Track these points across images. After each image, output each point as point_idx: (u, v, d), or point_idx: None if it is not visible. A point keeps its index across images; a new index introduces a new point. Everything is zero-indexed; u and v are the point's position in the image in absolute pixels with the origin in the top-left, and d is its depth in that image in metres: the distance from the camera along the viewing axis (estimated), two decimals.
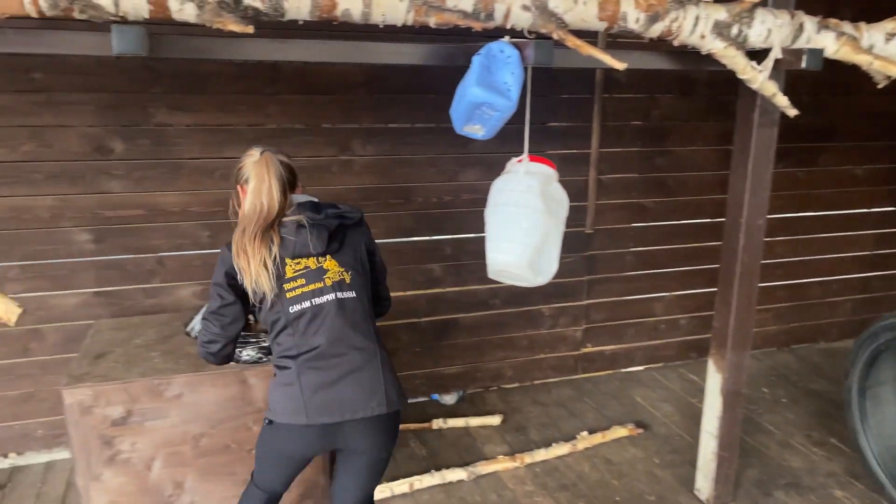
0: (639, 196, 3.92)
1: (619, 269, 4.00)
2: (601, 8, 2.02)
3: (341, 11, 1.81)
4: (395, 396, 2.00)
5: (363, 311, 2.01)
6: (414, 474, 3.04)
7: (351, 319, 1.96)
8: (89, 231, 3.01)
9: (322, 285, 1.95)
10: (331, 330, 1.93)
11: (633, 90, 3.75)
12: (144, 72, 2.92)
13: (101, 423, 2.40)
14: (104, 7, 1.63)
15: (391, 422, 2.01)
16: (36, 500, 2.88)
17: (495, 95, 1.93)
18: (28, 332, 3.03)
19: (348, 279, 1.99)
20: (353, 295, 1.99)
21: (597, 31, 2.12)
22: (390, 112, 3.33)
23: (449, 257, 3.61)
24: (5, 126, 2.82)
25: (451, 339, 3.73)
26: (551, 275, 2.28)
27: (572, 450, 3.27)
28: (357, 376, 1.94)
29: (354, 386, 1.93)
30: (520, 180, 2.20)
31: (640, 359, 4.20)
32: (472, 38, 2.07)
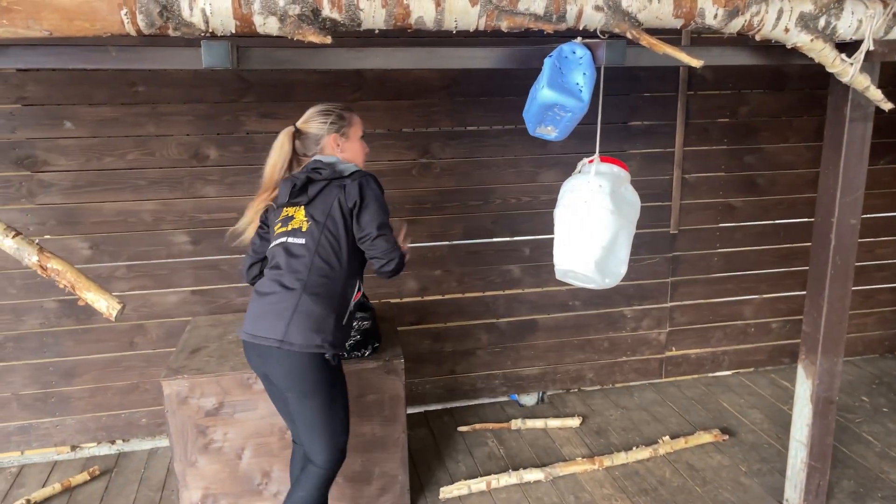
0: (726, 195, 3.80)
1: (706, 271, 3.89)
2: (677, 5, 1.98)
3: (415, 19, 1.87)
4: (296, 339, 2.12)
5: (307, 258, 2.17)
6: (491, 473, 3.07)
7: (290, 262, 2.18)
8: (187, 233, 3.21)
9: (287, 229, 2.23)
10: (276, 267, 2.21)
11: (720, 86, 3.64)
12: (236, 82, 3.09)
13: (196, 412, 2.56)
14: (195, 24, 1.76)
15: (288, 360, 2.14)
16: (139, 484, 3.10)
17: (566, 96, 1.94)
18: (133, 328, 3.26)
19: (304, 227, 2.20)
20: (302, 242, 2.19)
21: (675, 28, 2.08)
22: (468, 115, 3.38)
23: (527, 258, 3.62)
24: (114, 136, 3.05)
25: (530, 339, 3.74)
26: (619, 277, 2.26)
27: (653, 454, 3.21)
28: (271, 308, 2.16)
29: (266, 315, 2.16)
30: (590, 180, 2.19)
31: (727, 363, 4.06)
32: (545, 39, 2.08)
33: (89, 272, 3.09)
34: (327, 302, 2.17)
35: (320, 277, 2.17)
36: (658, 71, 3.49)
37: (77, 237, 3.10)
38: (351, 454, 2.67)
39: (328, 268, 2.19)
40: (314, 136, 2.31)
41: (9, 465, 3.26)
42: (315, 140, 2.32)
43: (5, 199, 3.00)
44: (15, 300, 3.11)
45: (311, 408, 2.21)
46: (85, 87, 2.96)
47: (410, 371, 3.52)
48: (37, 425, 3.25)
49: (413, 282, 3.52)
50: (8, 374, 3.17)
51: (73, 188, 3.05)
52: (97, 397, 3.29)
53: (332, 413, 2.23)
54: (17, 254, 1.66)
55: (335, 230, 2.20)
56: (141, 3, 1.68)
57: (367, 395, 2.66)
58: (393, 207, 3.36)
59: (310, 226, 2.20)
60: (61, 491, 3.02)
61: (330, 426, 2.24)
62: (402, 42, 3.04)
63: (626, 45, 2.04)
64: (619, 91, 3.50)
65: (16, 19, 1.64)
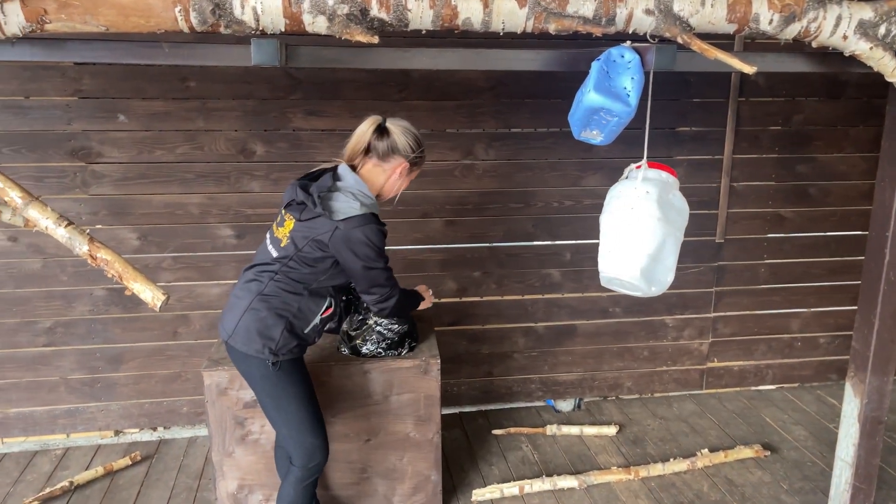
0: (776, 205, 3.71)
1: (752, 282, 3.80)
2: (731, 10, 1.94)
3: (462, 20, 1.86)
4: (240, 337, 2.17)
5: (274, 270, 2.20)
6: (525, 478, 3.05)
7: (262, 265, 2.23)
8: (232, 227, 3.27)
9: (275, 234, 2.26)
10: (252, 264, 2.27)
11: (773, 93, 3.55)
12: (284, 79, 3.13)
13: (234, 404, 2.60)
14: (246, 22, 1.78)
15: (240, 358, 2.21)
16: (178, 471, 3.16)
17: (613, 101, 1.91)
18: (177, 318, 3.34)
19: (284, 243, 2.20)
20: (274, 255, 2.21)
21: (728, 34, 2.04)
22: (513, 117, 3.36)
23: (568, 263, 3.59)
24: (165, 130, 3.12)
25: (568, 345, 3.70)
26: (666, 286, 2.21)
27: (691, 467, 3.14)
28: (233, 302, 2.24)
29: (229, 308, 2.25)
30: (637, 186, 2.15)
31: (771, 377, 3.96)
32: (593, 43, 2.05)
33: (137, 262, 3.18)
34: (279, 311, 2.18)
35: (280, 290, 2.19)
36: (708, 76, 3.42)
37: (126, 228, 3.18)
38: (384, 451, 2.69)
39: (291, 286, 2.19)
40: (391, 146, 2.21)
41: (55, 447, 3.36)
42: (388, 149, 2.21)
43: (61, 188, 3.09)
44: (66, 287, 3.20)
45: (264, 407, 2.28)
46: (138, 81, 3.04)
47: (446, 372, 3.52)
48: (83, 409, 3.35)
49: (452, 282, 3.52)
50: (57, 359, 3.27)
51: (124, 180, 3.13)
52: (141, 384, 3.37)
53: (285, 413, 2.24)
54: (68, 242, 1.71)
55: (310, 261, 2.17)
56: (194, 0, 1.71)
57: (403, 393, 2.67)
58: (434, 208, 3.39)
59: (288, 244, 2.18)
60: (104, 474, 3.10)
61: (289, 426, 2.25)
62: (448, 43, 3.04)
63: (677, 49, 2.00)
64: (667, 96, 3.44)
65: (74, 14, 1.69)
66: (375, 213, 2.18)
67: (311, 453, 2.28)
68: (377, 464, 2.73)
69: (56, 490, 2.93)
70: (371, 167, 2.25)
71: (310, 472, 2.31)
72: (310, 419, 2.27)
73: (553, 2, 1.84)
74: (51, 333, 3.24)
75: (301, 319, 2.22)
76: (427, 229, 3.43)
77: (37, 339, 3.24)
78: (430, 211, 3.41)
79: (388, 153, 2.22)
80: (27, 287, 3.17)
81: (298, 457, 2.28)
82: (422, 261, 3.47)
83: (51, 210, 1.72)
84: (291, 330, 2.20)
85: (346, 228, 2.10)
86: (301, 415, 2.25)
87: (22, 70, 2.96)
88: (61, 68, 2.98)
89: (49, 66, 2.96)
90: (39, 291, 3.19)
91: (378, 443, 2.71)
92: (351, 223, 2.10)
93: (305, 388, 2.28)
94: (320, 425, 2.31)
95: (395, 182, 2.28)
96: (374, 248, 2.13)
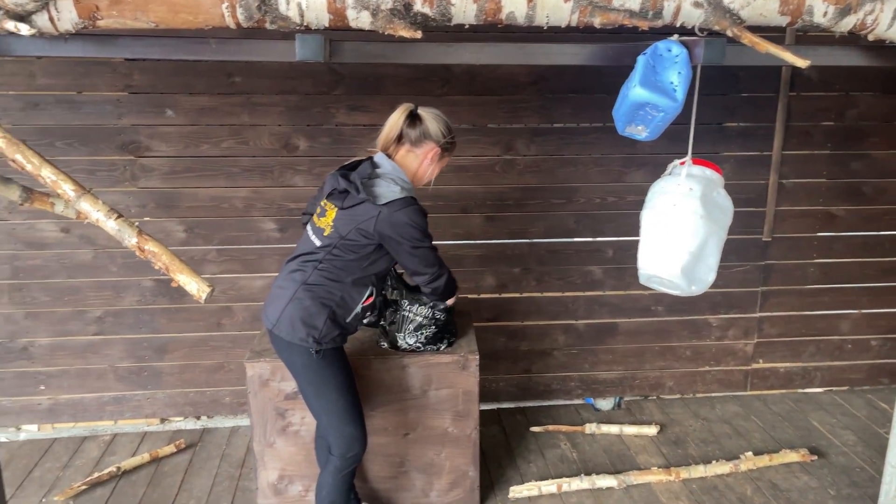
0: (826, 203, 3.60)
1: (800, 282, 3.70)
2: (783, 2, 1.88)
3: (506, 14, 1.85)
4: (284, 326, 2.21)
5: (318, 259, 2.24)
6: (563, 476, 3.02)
7: (305, 255, 2.27)
8: (275, 221, 3.31)
9: (317, 224, 2.30)
10: (295, 255, 2.31)
11: (826, 88, 3.45)
12: (328, 75, 3.16)
13: (276, 395, 2.64)
14: (291, 18, 1.80)
15: (284, 347, 2.26)
16: (221, 459, 3.23)
17: (659, 95, 1.88)
18: (221, 309, 3.40)
19: (327, 232, 2.24)
20: (318, 244, 2.25)
21: (780, 27, 1.98)
22: (556, 112, 3.33)
23: (610, 260, 3.55)
24: (211, 124, 3.17)
25: (609, 343, 3.66)
26: (707, 285, 2.16)
27: (734, 470, 3.08)
28: (277, 292, 2.28)
29: (272, 298, 2.29)
30: (680, 183, 2.11)
31: (819, 380, 3.85)
32: (639, 36, 2.02)
33: (183, 254, 3.23)
34: (323, 300, 2.23)
35: (324, 278, 2.23)
36: (758, 70, 3.34)
37: (173, 220, 3.25)
38: (422, 445, 2.70)
39: (334, 274, 2.24)
40: (423, 132, 2.26)
41: (103, 432, 3.46)
42: (420, 135, 2.26)
43: (111, 181, 3.17)
44: (115, 277, 3.29)
45: (305, 396, 2.31)
46: (186, 77, 3.10)
47: (485, 368, 3.49)
48: (130, 397, 3.44)
49: (491, 278, 3.51)
50: (106, 347, 3.36)
51: (171, 173, 3.20)
52: (186, 374, 3.44)
53: (326, 402, 2.27)
54: (118, 235, 1.75)
55: (354, 247, 2.22)
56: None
57: (441, 388, 2.67)
58: (474, 203, 3.38)
59: (332, 233, 2.23)
60: (149, 461, 3.18)
61: (329, 415, 2.29)
62: (491, 37, 3.02)
63: (726, 43, 1.95)
64: (714, 90, 3.37)
65: (125, 11, 1.73)
66: (413, 196, 2.24)
67: (350, 443, 2.31)
68: (415, 458, 2.74)
69: (104, 475, 3.02)
70: (404, 153, 2.31)
71: (348, 461, 2.33)
72: (349, 409, 2.30)
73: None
74: (100, 322, 3.33)
75: (343, 308, 2.26)
76: (467, 225, 3.43)
77: (87, 328, 3.33)
78: (469, 206, 3.40)
79: (420, 139, 2.28)
80: (78, 277, 3.27)
81: (337, 446, 2.31)
82: (461, 256, 3.46)
83: (101, 203, 1.76)
84: (334, 318, 2.24)
85: (390, 212, 2.15)
86: (341, 404, 2.28)
87: (75, 65, 3.04)
88: (112, 64, 3.05)
89: (101, 62, 3.04)
90: (90, 281, 3.28)
91: (416, 437, 2.72)
92: (393, 206, 2.16)
93: (346, 377, 2.32)
94: (359, 415, 2.34)
95: (428, 167, 2.34)
96: (418, 228, 2.18)
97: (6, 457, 3.21)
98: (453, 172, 3.33)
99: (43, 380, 3.37)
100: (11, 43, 1.86)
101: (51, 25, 1.74)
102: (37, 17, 1.72)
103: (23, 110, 3.06)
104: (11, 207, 3.14)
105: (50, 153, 3.06)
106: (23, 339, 3.30)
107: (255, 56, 1.99)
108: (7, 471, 3.09)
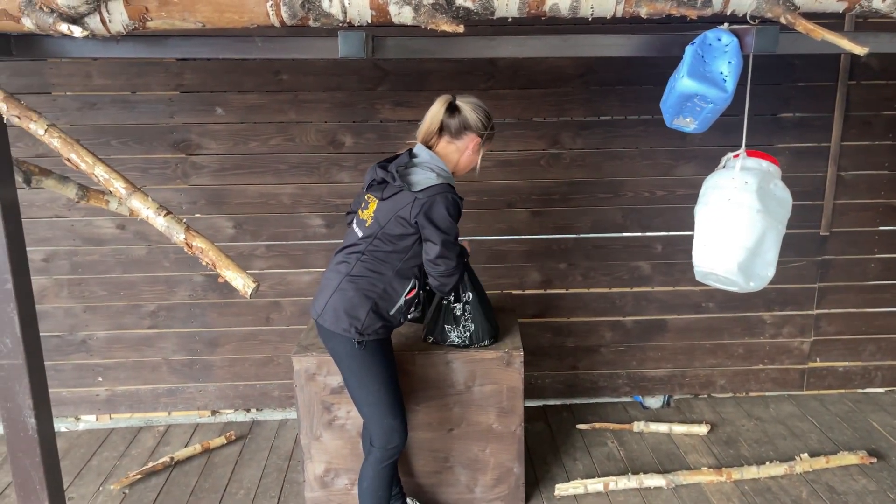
0: (889, 195, 3.45)
1: (860, 278, 3.56)
2: None
3: (549, 7, 1.82)
4: (328, 316, 2.25)
5: (361, 250, 2.27)
6: (610, 474, 2.98)
7: (349, 247, 2.31)
8: (322, 217, 3.35)
9: (360, 216, 2.34)
10: (342, 247, 2.35)
11: (888, 76, 3.30)
12: (373, 71, 3.17)
13: (322, 389, 2.67)
14: (334, 15, 1.81)
15: (328, 336, 2.29)
16: (269, 451, 3.28)
17: (708, 86, 1.82)
18: (270, 304, 3.45)
19: (369, 223, 2.28)
20: (360, 235, 2.30)
21: (837, 13, 1.90)
22: (602, 105, 3.27)
23: (659, 255, 3.47)
24: (259, 122, 3.22)
25: (657, 340, 3.59)
26: (766, 281, 2.10)
27: (789, 471, 2.99)
28: (324, 283, 2.34)
29: (321, 289, 2.34)
30: (735, 176, 2.04)
31: (880, 380, 3.71)
32: (688, 26, 1.96)
33: (232, 250, 3.31)
34: (366, 291, 2.25)
35: (367, 270, 2.26)
36: (814, 59, 3.22)
37: (223, 216, 3.32)
38: (466, 441, 2.70)
39: (376, 265, 2.25)
40: (463, 123, 2.27)
41: (157, 423, 3.56)
42: (460, 126, 2.27)
43: (163, 178, 3.25)
44: (168, 272, 3.37)
45: (348, 385, 2.34)
46: (235, 75, 3.15)
47: (530, 364, 3.48)
48: (182, 389, 3.53)
49: (536, 274, 3.47)
50: (160, 340, 3.46)
51: (220, 170, 3.26)
52: (236, 367, 3.51)
53: (367, 393, 2.29)
54: (167, 231, 1.79)
55: (394, 237, 2.23)
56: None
57: (486, 384, 2.66)
58: (519, 198, 3.36)
59: (372, 224, 2.26)
60: (201, 452, 3.26)
61: (370, 406, 2.30)
62: (535, 30, 2.99)
63: (780, 30, 1.88)
64: (768, 80, 3.26)
65: (173, 11, 1.76)
66: (452, 184, 2.24)
67: (390, 434, 2.33)
68: (460, 454, 2.74)
69: (158, 465, 3.11)
70: (445, 145, 2.32)
71: (388, 453, 2.35)
72: (390, 401, 2.32)
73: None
74: (154, 316, 3.43)
75: (386, 300, 2.27)
76: (512, 220, 3.40)
77: (142, 322, 3.43)
78: (514, 201, 3.37)
79: (460, 130, 2.28)
80: (133, 272, 3.37)
81: (378, 437, 2.33)
82: (506, 251, 3.44)
83: (151, 200, 1.80)
84: (377, 310, 2.26)
85: (425, 197, 2.17)
86: (381, 395, 2.30)
87: (129, 66, 3.12)
88: (165, 64, 3.13)
89: (154, 62, 3.12)
90: (144, 276, 3.38)
91: (461, 433, 2.71)
92: (429, 192, 2.17)
93: (388, 369, 2.33)
94: (400, 408, 2.35)
95: (469, 157, 2.34)
96: (450, 216, 2.19)
97: (65, 446, 3.33)
98: (498, 167, 3.31)
99: (101, 371, 3.48)
100: (66, 45, 1.93)
101: (102, 27, 1.78)
102: (89, 20, 1.77)
103: (80, 110, 3.16)
104: (70, 205, 3.25)
105: (105, 152, 3.16)
106: (82, 333, 3.42)
107: (300, 53, 2.00)
108: (66, 460, 3.21)
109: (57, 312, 3.38)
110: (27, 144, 3.12)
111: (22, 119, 1.78)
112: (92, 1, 1.70)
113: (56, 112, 3.13)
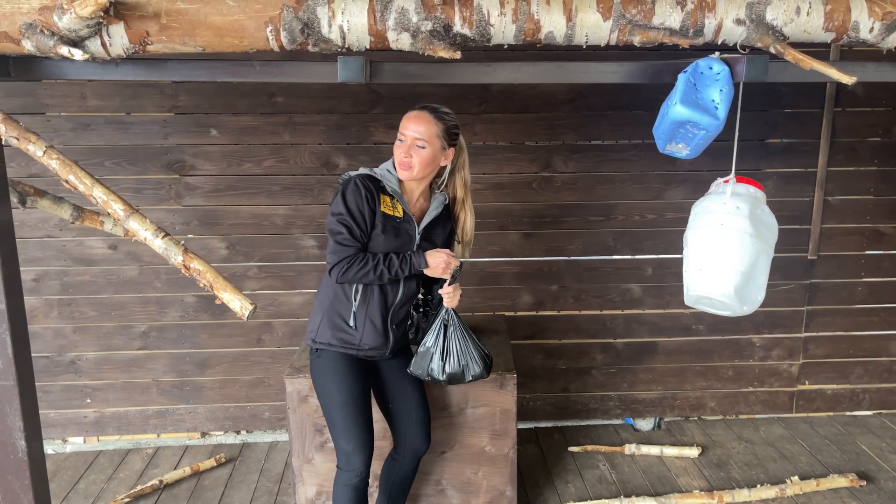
0: (874, 220, 3.51)
1: (848, 301, 3.60)
2: (828, 18, 1.85)
3: (545, 34, 1.85)
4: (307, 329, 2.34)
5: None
6: (601, 497, 2.98)
7: None
8: (314, 238, 3.36)
9: None
10: None
11: (872, 103, 3.37)
12: (367, 94, 3.20)
13: (314, 412, 2.66)
14: (333, 40, 1.83)
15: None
16: (259, 474, 3.26)
17: (701, 113, 1.86)
18: (261, 325, 3.44)
19: None
20: None
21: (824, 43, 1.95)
22: (593, 129, 3.32)
23: (649, 278, 3.50)
24: (253, 144, 3.24)
25: (648, 362, 3.61)
26: (758, 304, 2.12)
27: (780, 494, 3.00)
28: None
29: None
30: (726, 202, 2.08)
31: (868, 402, 3.74)
32: (679, 54, 2.00)
33: (225, 271, 3.29)
34: (321, 299, 2.34)
35: (323, 284, 2.36)
36: (801, 86, 3.28)
37: (216, 237, 3.32)
38: (459, 464, 2.69)
39: (327, 278, 2.29)
40: None
41: (146, 446, 3.52)
42: None
43: (157, 199, 3.25)
44: (160, 293, 3.36)
45: None
46: (230, 97, 3.17)
47: (521, 386, 3.48)
48: (172, 410, 3.50)
49: (528, 296, 3.49)
50: (150, 361, 3.44)
51: (214, 191, 3.27)
52: (226, 389, 3.49)
53: (325, 410, 2.30)
54: (164, 253, 1.79)
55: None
56: (285, 20, 1.78)
57: (479, 407, 2.66)
58: (511, 220, 3.38)
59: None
60: (191, 474, 3.22)
61: (328, 422, 2.31)
62: (529, 56, 3.03)
63: (769, 59, 1.93)
64: (756, 107, 3.32)
65: (174, 36, 1.78)
66: (367, 175, 2.25)
67: (343, 456, 2.27)
68: (452, 476, 2.73)
69: (146, 488, 3.07)
70: None
71: (345, 475, 2.27)
72: (342, 423, 2.24)
73: (638, 14, 1.81)
74: (145, 337, 3.41)
75: (338, 305, 2.28)
76: (504, 242, 3.42)
77: (132, 343, 3.41)
78: (506, 223, 3.40)
79: None
80: (125, 293, 3.35)
81: (337, 454, 2.31)
82: (498, 273, 3.46)
83: (149, 222, 1.81)
84: (330, 317, 2.29)
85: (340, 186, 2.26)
86: (334, 416, 2.26)
87: (124, 87, 3.14)
88: (160, 86, 3.14)
89: (149, 84, 3.13)
90: (136, 297, 3.36)
91: (453, 455, 2.71)
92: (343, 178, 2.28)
93: (344, 392, 2.24)
94: (356, 433, 2.24)
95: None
96: (340, 199, 2.19)
97: (52, 468, 3.29)
98: (490, 190, 3.34)
99: (89, 393, 3.45)
100: (65, 67, 1.94)
101: (103, 51, 1.79)
102: (90, 43, 1.78)
103: (73, 131, 3.16)
104: (62, 225, 3.24)
105: (99, 172, 3.16)
106: (71, 353, 3.39)
107: (298, 77, 2.03)
108: (53, 482, 3.16)
109: (46, 333, 3.36)
110: (20, 164, 3.12)
111: (21, 140, 1.79)
112: (93, 24, 1.72)
113: (50, 133, 3.13)
